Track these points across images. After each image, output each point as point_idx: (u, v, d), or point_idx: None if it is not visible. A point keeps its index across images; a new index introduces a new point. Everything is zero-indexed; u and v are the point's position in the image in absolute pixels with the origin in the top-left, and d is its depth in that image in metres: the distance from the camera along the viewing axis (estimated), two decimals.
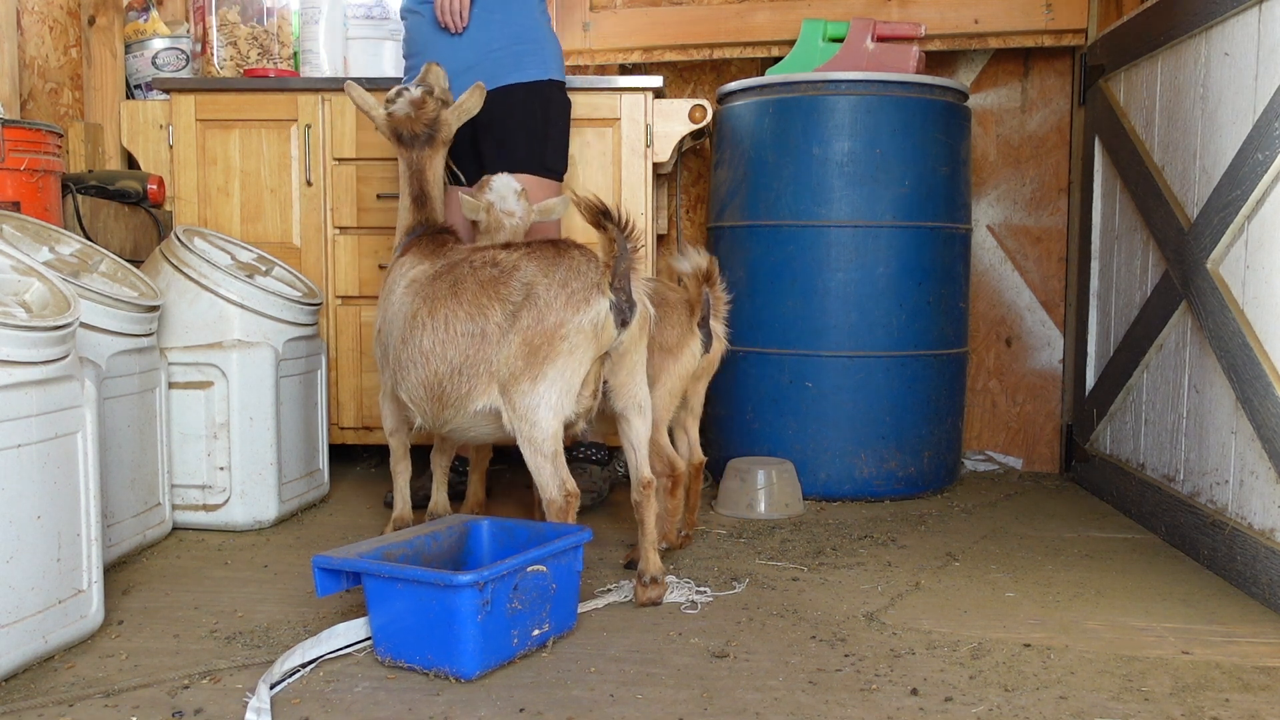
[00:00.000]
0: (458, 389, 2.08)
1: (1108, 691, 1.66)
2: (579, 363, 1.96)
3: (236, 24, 3.44)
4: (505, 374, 2.01)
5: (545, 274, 2.00)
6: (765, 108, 3.08)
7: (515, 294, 2.01)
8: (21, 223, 2.21)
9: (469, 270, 2.10)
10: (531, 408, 1.98)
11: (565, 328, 1.95)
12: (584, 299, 1.95)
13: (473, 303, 2.05)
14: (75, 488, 1.82)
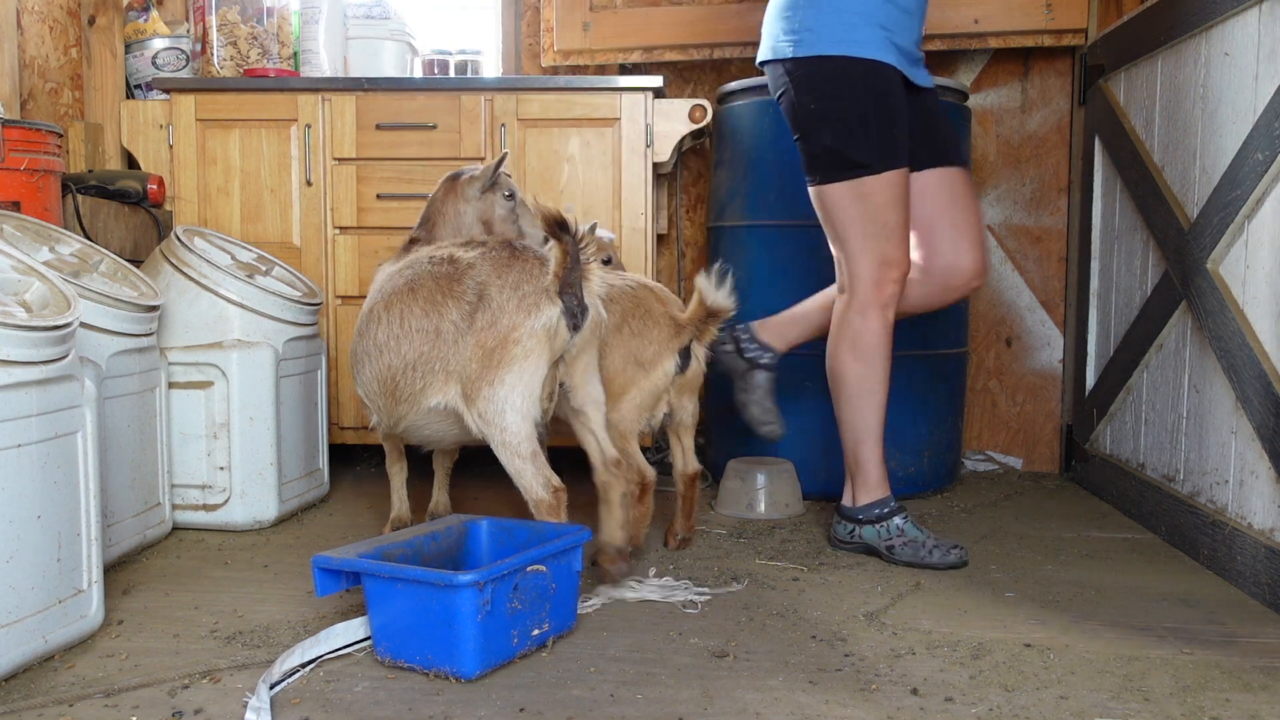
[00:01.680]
0: (411, 384, 2.07)
1: (1108, 691, 1.66)
2: (535, 366, 1.98)
3: (236, 24, 3.44)
4: (463, 377, 2.01)
5: (499, 276, 2.01)
6: (765, 108, 3.08)
7: (469, 294, 2.01)
8: (21, 222, 2.21)
9: (427, 267, 2.10)
10: (497, 413, 1.98)
11: (518, 331, 1.96)
12: (535, 303, 1.97)
13: (428, 299, 2.05)
14: (75, 488, 1.82)
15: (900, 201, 2.34)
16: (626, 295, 2.39)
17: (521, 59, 3.88)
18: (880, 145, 2.31)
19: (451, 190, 2.67)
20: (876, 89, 2.31)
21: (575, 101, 3.17)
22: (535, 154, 3.19)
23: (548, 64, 3.64)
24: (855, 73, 2.30)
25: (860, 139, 2.30)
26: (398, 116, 3.19)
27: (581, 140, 3.19)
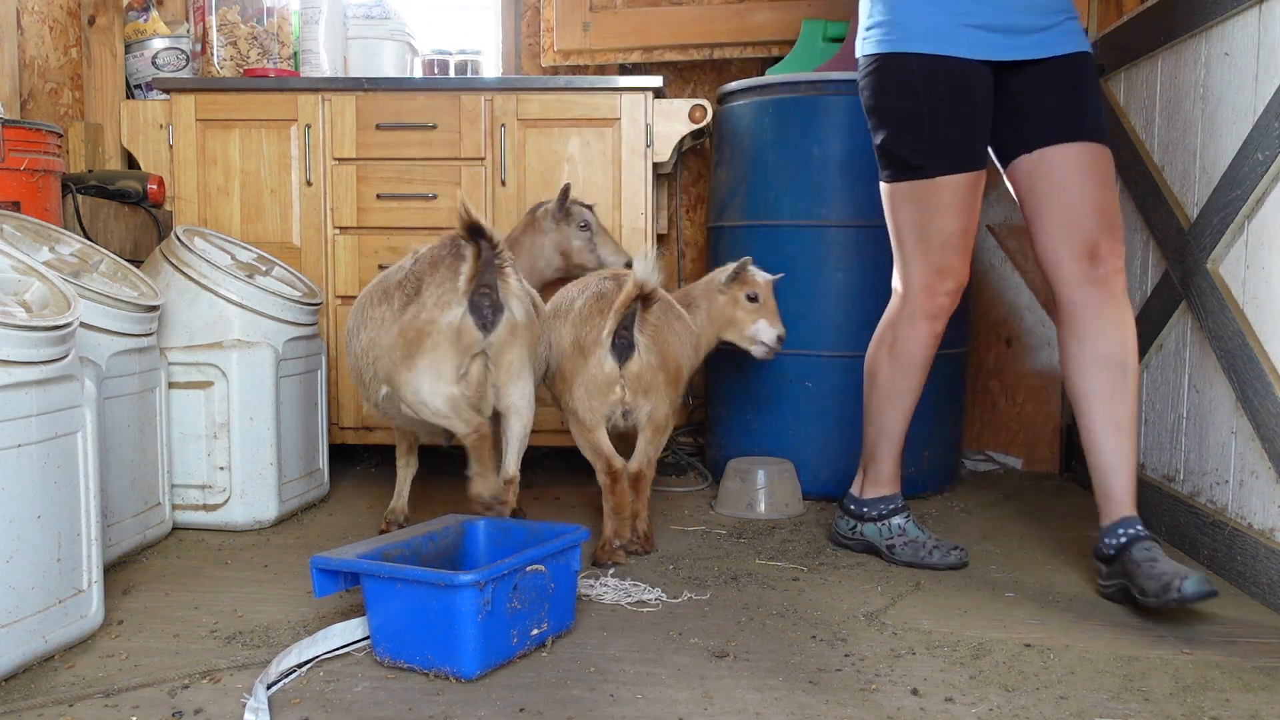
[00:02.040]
0: (368, 370, 2.21)
1: (1108, 691, 1.66)
2: (443, 357, 2.09)
3: (236, 24, 3.44)
4: (386, 363, 2.15)
5: (431, 273, 2.12)
6: (765, 108, 3.08)
7: (409, 287, 2.13)
8: (21, 222, 2.21)
9: (407, 262, 2.22)
10: (415, 392, 2.13)
11: (431, 325, 2.08)
12: (448, 302, 2.08)
13: (385, 290, 2.18)
14: (75, 488, 1.82)
15: (959, 208, 2.20)
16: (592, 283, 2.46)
17: (521, 59, 3.89)
18: (935, 148, 2.18)
19: (530, 222, 2.86)
20: (934, 88, 2.16)
21: (575, 101, 3.18)
22: (535, 154, 3.19)
23: (548, 64, 3.64)
24: (909, 70, 2.16)
25: (912, 141, 2.19)
26: (398, 116, 3.19)
27: (581, 140, 3.19)
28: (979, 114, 2.20)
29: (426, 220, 3.19)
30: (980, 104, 2.20)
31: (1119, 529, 2.09)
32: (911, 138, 2.20)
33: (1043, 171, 2.19)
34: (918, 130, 2.19)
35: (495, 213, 3.20)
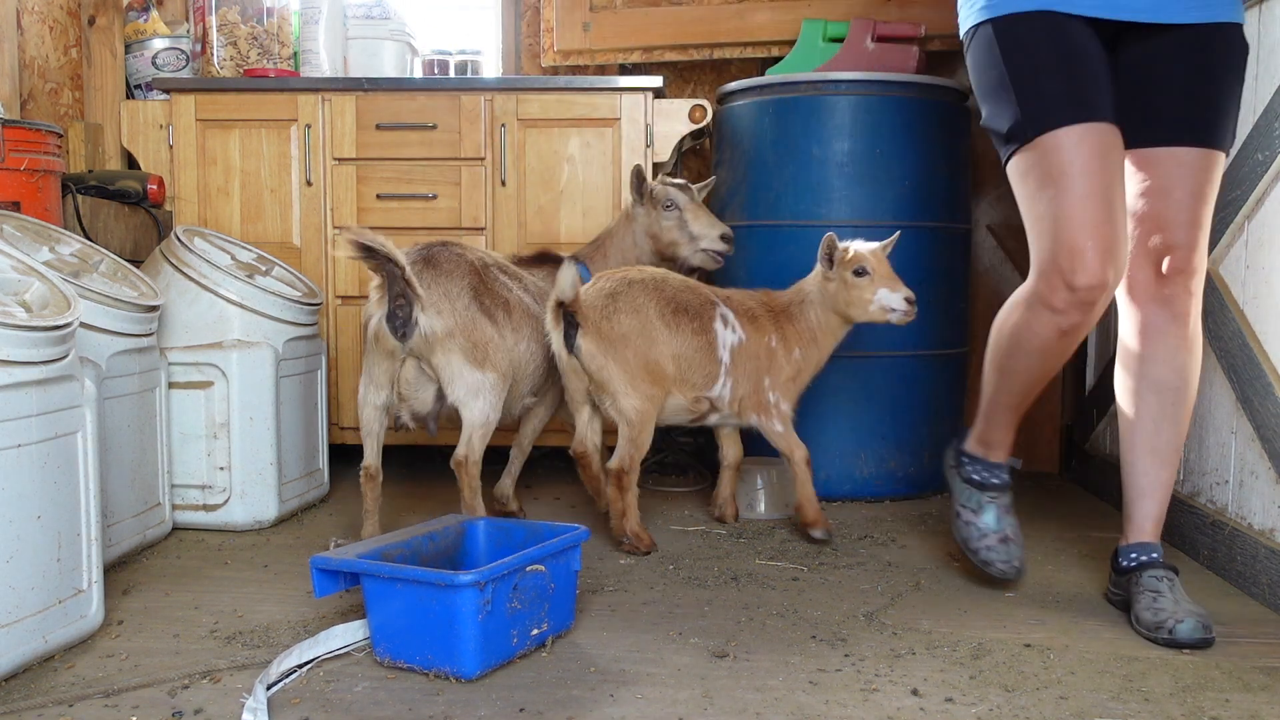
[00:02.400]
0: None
1: (1108, 691, 1.66)
2: (373, 360, 2.37)
3: (236, 24, 3.44)
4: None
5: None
6: (765, 108, 3.08)
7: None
8: (21, 223, 2.21)
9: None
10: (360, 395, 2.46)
11: (367, 330, 2.36)
12: (371, 311, 2.32)
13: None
14: (75, 488, 1.82)
15: (1077, 172, 1.80)
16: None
17: (521, 59, 3.89)
18: (1024, 109, 1.84)
19: (623, 214, 2.86)
20: (1020, 43, 1.85)
21: (575, 101, 3.18)
22: (535, 154, 3.19)
23: (548, 64, 3.64)
24: (990, 34, 1.88)
25: (1000, 108, 1.89)
26: (398, 116, 3.19)
27: (581, 140, 3.19)
28: (1087, 65, 1.84)
29: (426, 220, 3.19)
30: (1089, 57, 1.85)
31: (1133, 551, 2.00)
32: (1000, 104, 1.89)
33: (1143, 172, 1.92)
34: (1003, 94, 1.87)
35: (495, 212, 3.21)
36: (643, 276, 2.51)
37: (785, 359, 2.57)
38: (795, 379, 2.58)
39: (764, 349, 2.56)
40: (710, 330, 2.52)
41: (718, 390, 2.54)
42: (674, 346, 2.47)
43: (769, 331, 2.57)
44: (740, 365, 2.54)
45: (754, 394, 2.56)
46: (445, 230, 3.19)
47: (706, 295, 2.56)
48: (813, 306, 2.57)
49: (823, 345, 2.60)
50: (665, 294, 2.49)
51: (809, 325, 2.57)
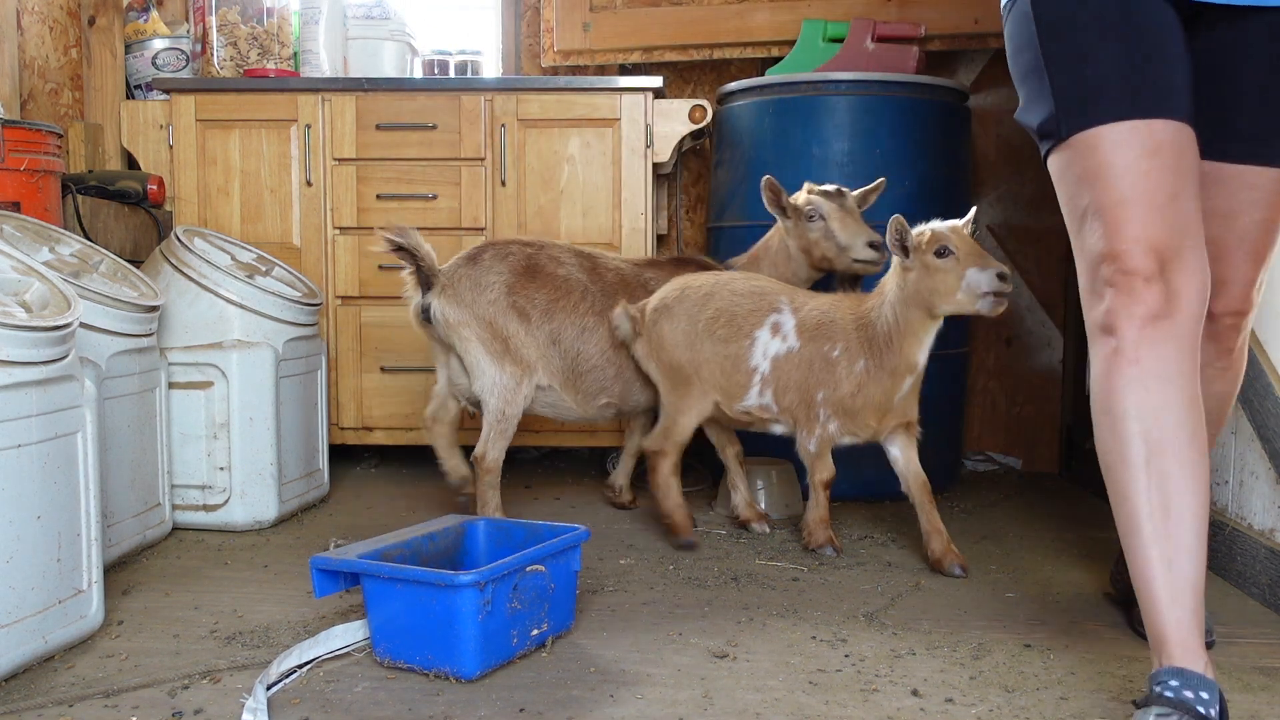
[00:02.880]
0: None
1: (1108, 692, 1.66)
2: (431, 349, 2.64)
3: (236, 24, 3.44)
4: None
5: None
6: (765, 108, 3.08)
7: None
8: (21, 223, 2.21)
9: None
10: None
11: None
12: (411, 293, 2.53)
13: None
14: (75, 488, 1.82)
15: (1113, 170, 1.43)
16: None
17: (521, 59, 3.89)
18: (1059, 100, 1.48)
19: (775, 228, 2.81)
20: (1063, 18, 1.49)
21: (575, 102, 3.18)
22: (535, 154, 3.19)
23: (548, 64, 3.64)
24: (1027, 7, 1.53)
25: (1033, 98, 1.54)
26: (398, 117, 3.19)
27: (581, 140, 3.19)
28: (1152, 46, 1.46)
29: (426, 220, 3.19)
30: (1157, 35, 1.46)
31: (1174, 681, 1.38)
32: (1034, 92, 1.54)
33: (1211, 190, 1.59)
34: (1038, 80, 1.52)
35: (495, 213, 3.21)
36: (698, 284, 2.49)
37: (846, 372, 2.34)
38: (857, 394, 2.33)
39: (820, 359, 2.36)
40: (745, 339, 2.42)
41: (753, 400, 2.44)
42: (704, 353, 2.43)
43: (835, 340, 2.35)
44: (787, 376, 2.40)
45: (804, 406, 2.40)
46: (445, 230, 3.19)
47: (768, 303, 2.44)
48: (889, 305, 2.29)
49: (904, 350, 2.29)
50: (713, 303, 2.45)
51: (884, 329, 2.30)
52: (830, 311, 2.40)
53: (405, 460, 3.52)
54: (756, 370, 2.42)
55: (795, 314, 2.42)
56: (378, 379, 3.24)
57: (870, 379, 2.33)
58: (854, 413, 2.36)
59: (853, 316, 2.37)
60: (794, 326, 2.41)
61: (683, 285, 2.51)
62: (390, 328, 3.23)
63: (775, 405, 2.43)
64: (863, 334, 2.34)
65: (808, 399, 2.39)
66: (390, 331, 3.23)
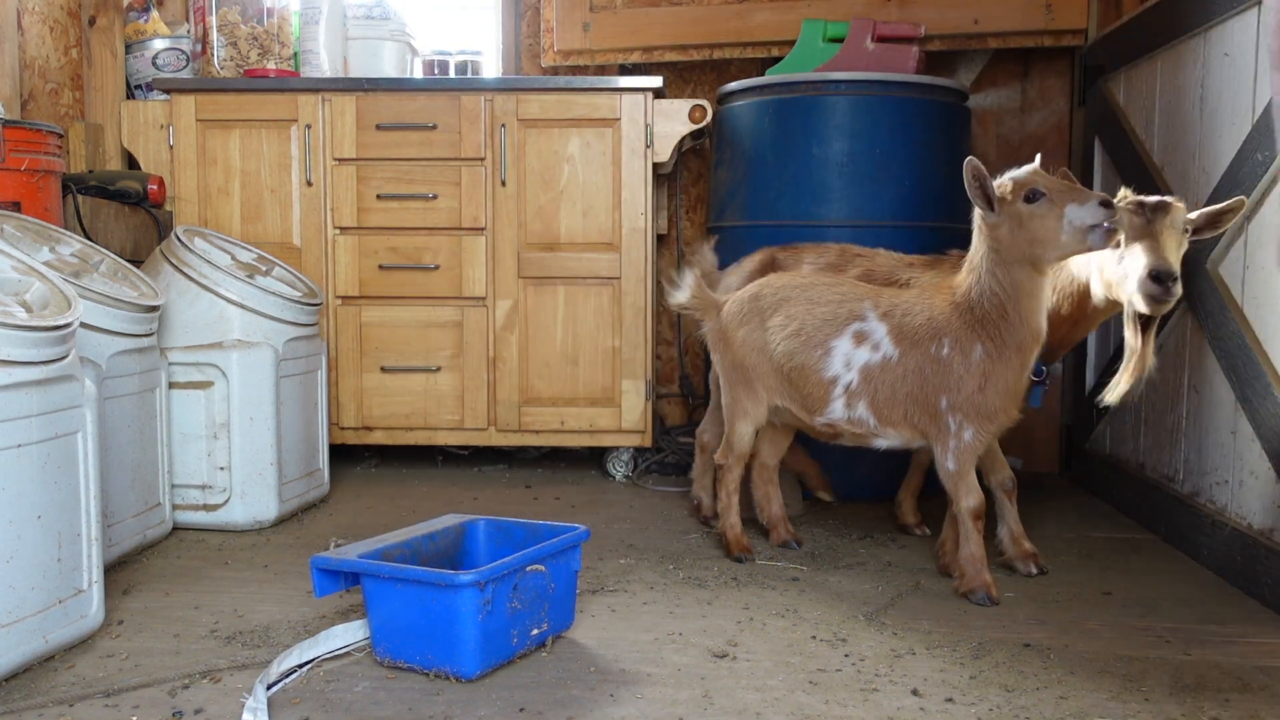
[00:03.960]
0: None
1: (1108, 691, 1.66)
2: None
3: (237, 24, 3.44)
4: None
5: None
6: (765, 108, 3.08)
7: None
8: (22, 223, 2.21)
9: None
10: None
11: None
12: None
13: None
14: (75, 488, 1.82)
15: None
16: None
17: (521, 59, 3.89)
18: None
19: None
20: None
21: (575, 102, 3.18)
22: (535, 154, 3.19)
23: (548, 64, 3.65)
24: None
25: None
26: (398, 117, 3.19)
27: (581, 140, 3.19)
28: None
29: (427, 220, 3.20)
30: None
31: None
32: None
33: None
34: None
35: (495, 212, 3.21)
36: (777, 285, 2.33)
37: (964, 366, 2.06)
38: (985, 387, 2.05)
39: (930, 363, 2.10)
40: (818, 349, 2.20)
41: (838, 413, 2.21)
42: (775, 360, 2.26)
43: (940, 336, 2.09)
44: (889, 388, 2.15)
45: (929, 419, 2.12)
46: (445, 230, 3.20)
47: (849, 311, 2.20)
48: (988, 274, 2.02)
49: (1025, 317, 2.01)
50: (785, 307, 2.27)
51: (992, 302, 2.02)
52: (922, 308, 2.14)
53: (405, 460, 3.53)
54: (837, 382, 2.19)
55: (886, 319, 2.17)
56: (378, 379, 3.24)
57: (995, 364, 2.03)
58: (988, 410, 2.06)
59: (948, 304, 2.10)
60: (887, 333, 2.15)
61: (761, 284, 2.36)
62: (390, 327, 3.23)
63: (873, 419, 2.18)
64: (967, 318, 2.06)
65: (931, 409, 2.11)
66: (390, 331, 3.23)
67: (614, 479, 3.28)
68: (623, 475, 3.28)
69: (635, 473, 3.29)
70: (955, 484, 2.11)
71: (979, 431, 2.08)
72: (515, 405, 3.23)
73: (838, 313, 2.21)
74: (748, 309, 2.34)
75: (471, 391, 3.24)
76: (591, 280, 3.21)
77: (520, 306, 3.22)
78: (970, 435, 2.08)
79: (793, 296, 2.28)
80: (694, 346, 3.82)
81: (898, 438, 2.20)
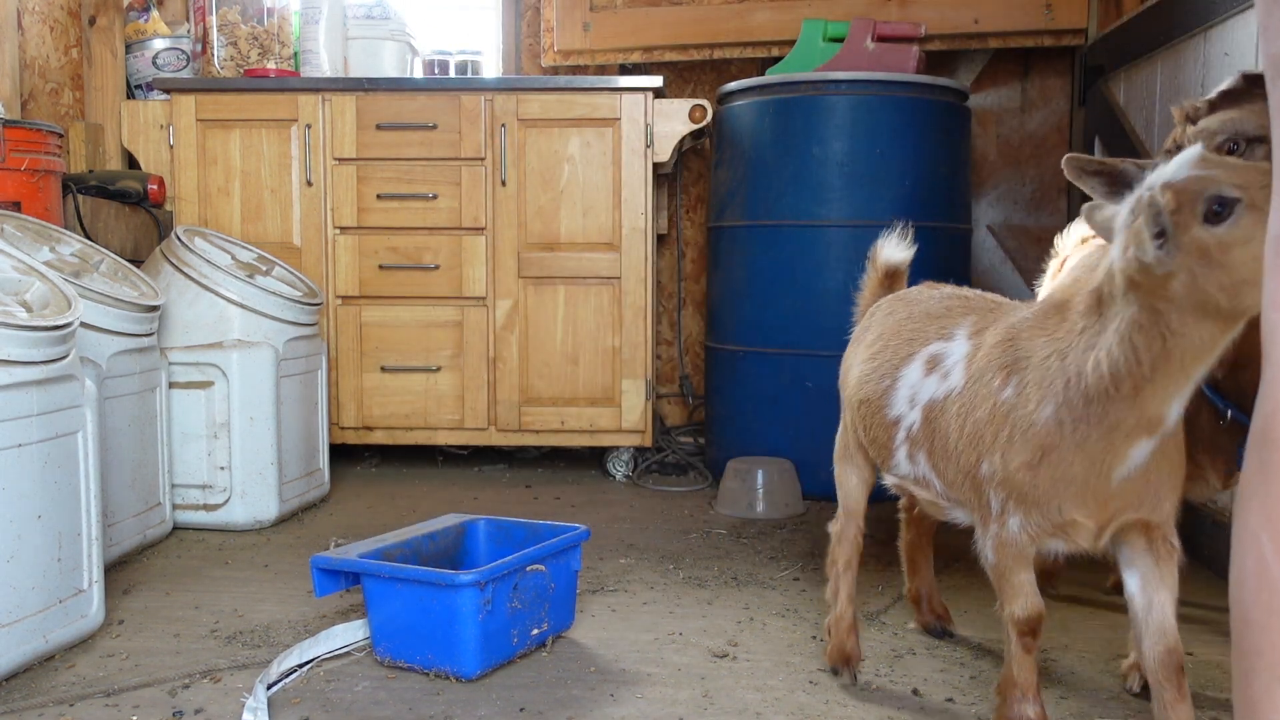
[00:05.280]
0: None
1: (1108, 691, 1.66)
2: None
3: (237, 24, 3.44)
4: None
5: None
6: (765, 108, 3.08)
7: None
8: (22, 223, 2.21)
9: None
10: None
11: None
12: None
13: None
14: (76, 487, 1.82)
15: None
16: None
17: (522, 59, 3.89)
18: None
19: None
20: None
21: (575, 101, 3.18)
22: (535, 154, 3.20)
23: (548, 64, 3.65)
24: None
25: None
26: (398, 117, 3.19)
27: (581, 140, 3.19)
28: None
29: (427, 220, 3.20)
30: None
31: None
32: None
33: None
34: None
35: (495, 212, 3.21)
36: (905, 295, 1.76)
37: (1023, 426, 1.36)
38: (1039, 466, 1.34)
39: (987, 404, 1.42)
40: (887, 378, 1.61)
41: (902, 467, 1.59)
42: (850, 392, 1.75)
43: (1013, 371, 1.39)
44: (944, 433, 1.49)
45: (969, 486, 1.46)
46: (445, 230, 3.20)
47: (939, 327, 1.58)
48: (1121, 343, 1.24)
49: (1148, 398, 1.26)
50: (892, 317, 1.69)
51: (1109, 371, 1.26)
52: (1022, 329, 1.43)
53: (405, 460, 3.53)
54: (899, 423, 1.57)
55: (972, 337, 1.52)
56: (378, 378, 3.25)
57: (1065, 439, 1.32)
58: (1038, 499, 1.36)
59: (1046, 338, 1.37)
60: (963, 357, 1.50)
61: (893, 297, 1.78)
62: (390, 327, 3.23)
63: (936, 478, 1.53)
64: (1059, 364, 1.33)
65: (969, 472, 1.45)
66: (390, 331, 3.23)
67: (614, 479, 3.28)
68: (623, 475, 3.28)
69: (635, 473, 3.29)
70: (996, 581, 1.47)
71: (1028, 526, 1.39)
72: (515, 405, 3.23)
73: (925, 330, 1.60)
74: (864, 322, 1.79)
75: (471, 391, 3.24)
76: (592, 280, 3.21)
77: (520, 306, 3.22)
78: (1016, 528, 1.40)
79: (896, 310, 1.70)
80: (693, 346, 3.82)
81: (965, 511, 1.55)
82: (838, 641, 1.73)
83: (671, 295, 3.82)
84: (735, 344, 3.15)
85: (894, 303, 1.73)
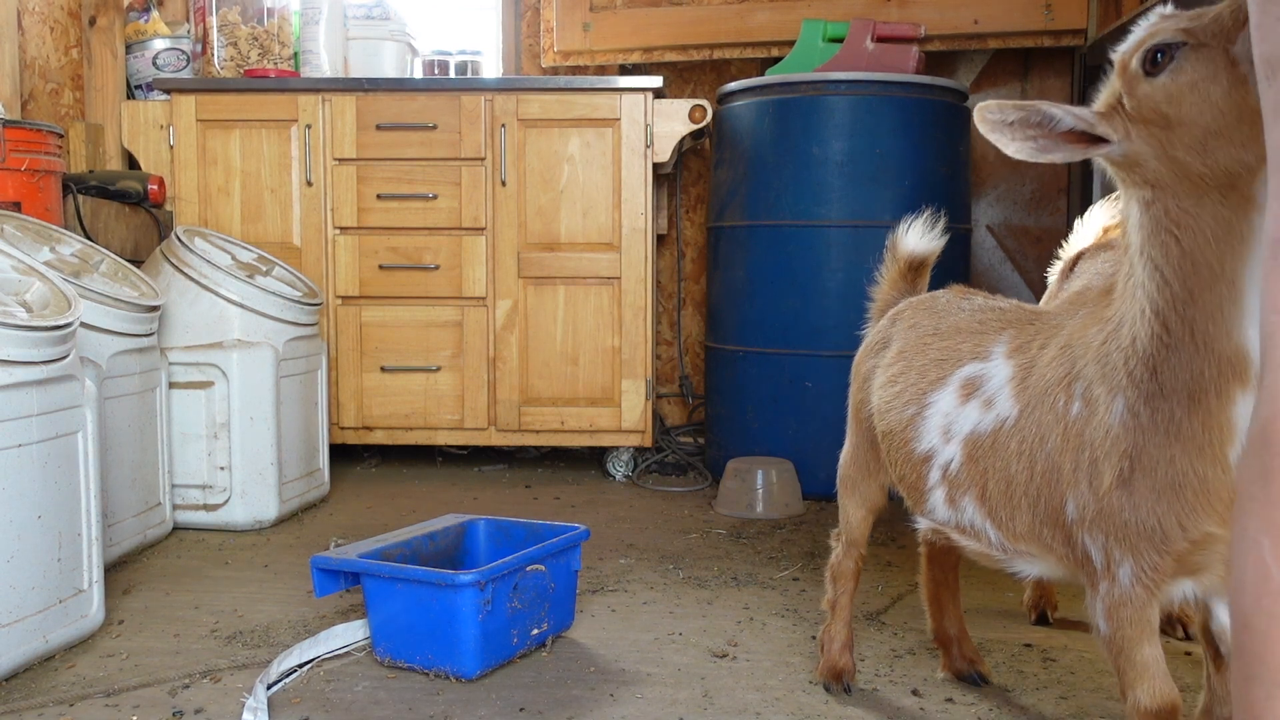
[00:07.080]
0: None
1: (1107, 691, 1.66)
2: None
3: (237, 24, 3.44)
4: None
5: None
6: (765, 108, 3.09)
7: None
8: (22, 223, 2.21)
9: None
10: None
11: None
12: None
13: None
14: (76, 487, 1.82)
15: None
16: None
17: (521, 59, 3.89)
18: None
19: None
20: None
21: (575, 102, 3.18)
22: (535, 154, 3.20)
23: (548, 64, 3.65)
24: None
25: None
26: (398, 117, 3.19)
27: (581, 140, 3.19)
28: None
29: (427, 220, 3.20)
30: None
31: None
32: None
33: None
34: None
35: (495, 212, 3.21)
36: (931, 303, 1.57)
37: (1097, 437, 1.15)
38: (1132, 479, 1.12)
39: (1056, 430, 1.21)
40: (915, 405, 1.41)
41: (940, 511, 1.39)
42: (867, 416, 1.57)
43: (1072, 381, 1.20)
44: (996, 474, 1.28)
45: (1060, 535, 1.22)
46: (445, 230, 3.20)
47: (973, 345, 1.38)
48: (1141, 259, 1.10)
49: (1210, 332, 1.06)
50: (915, 331, 1.51)
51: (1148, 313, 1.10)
52: (1075, 330, 1.24)
53: (405, 460, 3.53)
54: (932, 460, 1.37)
55: (1016, 355, 1.31)
56: (378, 378, 3.25)
57: (1148, 434, 1.10)
58: (1144, 525, 1.11)
59: (1099, 327, 1.19)
60: (1009, 380, 1.29)
61: (916, 304, 1.59)
62: (390, 327, 3.23)
63: (992, 529, 1.32)
64: (1115, 344, 1.15)
65: (1057, 519, 1.21)
66: (390, 331, 3.23)
67: (614, 479, 3.28)
68: (623, 475, 3.28)
69: (635, 472, 3.29)
70: (1112, 659, 1.17)
71: (1142, 571, 1.12)
72: (515, 405, 3.23)
73: (958, 349, 1.40)
74: (883, 332, 1.59)
75: (471, 391, 3.24)
76: (591, 280, 3.21)
77: (520, 306, 3.22)
78: (1128, 579, 1.13)
79: (921, 321, 1.51)
80: (693, 346, 3.82)
81: (1037, 565, 1.32)
82: (830, 659, 1.65)
83: (671, 295, 3.82)
84: (735, 344, 3.15)
85: (918, 312, 1.54)
